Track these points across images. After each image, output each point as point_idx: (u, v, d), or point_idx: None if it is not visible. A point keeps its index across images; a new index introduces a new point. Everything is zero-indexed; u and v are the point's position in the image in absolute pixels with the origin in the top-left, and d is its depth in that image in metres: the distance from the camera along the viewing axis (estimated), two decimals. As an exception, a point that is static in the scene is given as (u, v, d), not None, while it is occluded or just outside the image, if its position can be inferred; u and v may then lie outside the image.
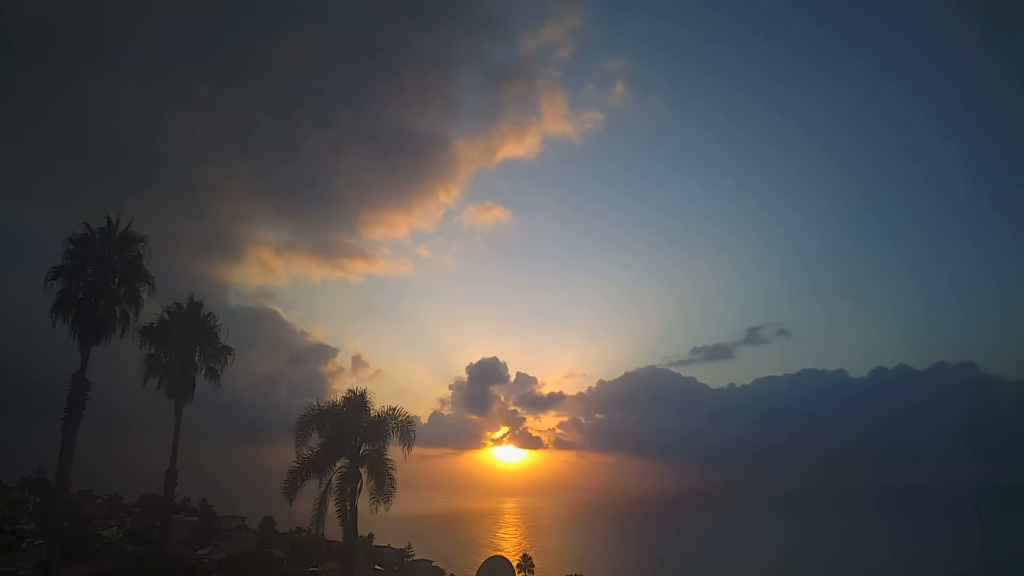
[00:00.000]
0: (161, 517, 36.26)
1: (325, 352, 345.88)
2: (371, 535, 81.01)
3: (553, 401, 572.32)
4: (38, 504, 60.56)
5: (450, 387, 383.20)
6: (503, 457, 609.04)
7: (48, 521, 36.66)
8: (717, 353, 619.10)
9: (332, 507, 21.33)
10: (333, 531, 23.01)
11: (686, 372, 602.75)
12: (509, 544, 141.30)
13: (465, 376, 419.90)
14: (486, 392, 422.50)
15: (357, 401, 22.65)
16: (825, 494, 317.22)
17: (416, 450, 22.50)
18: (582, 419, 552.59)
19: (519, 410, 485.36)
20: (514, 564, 13.95)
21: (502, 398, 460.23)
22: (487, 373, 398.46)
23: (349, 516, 21.45)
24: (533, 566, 67.54)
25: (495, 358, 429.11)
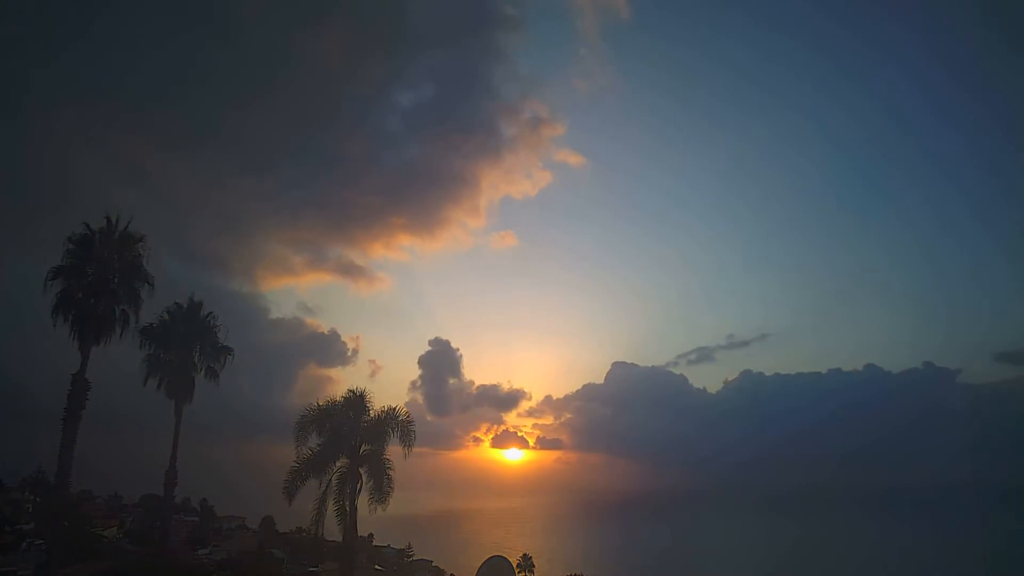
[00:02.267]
0: (161, 517, 36.28)
1: (344, 355, 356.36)
2: (371, 535, 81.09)
3: (540, 403, 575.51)
4: (38, 504, 60.57)
5: (411, 383, 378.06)
6: (489, 457, 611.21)
7: (48, 521, 36.66)
8: (702, 356, 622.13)
9: (332, 507, 21.30)
10: (333, 531, 22.97)
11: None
12: (509, 544, 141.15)
13: (459, 381, 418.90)
14: (448, 387, 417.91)
15: (357, 401, 22.49)
16: (819, 495, 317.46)
17: (399, 450, 22.21)
18: (563, 420, 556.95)
19: (502, 412, 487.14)
20: (514, 564, 13.95)
21: (472, 394, 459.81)
22: (442, 362, 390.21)
23: (349, 516, 21.40)
24: (533, 566, 67.67)
25: (447, 342, 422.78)
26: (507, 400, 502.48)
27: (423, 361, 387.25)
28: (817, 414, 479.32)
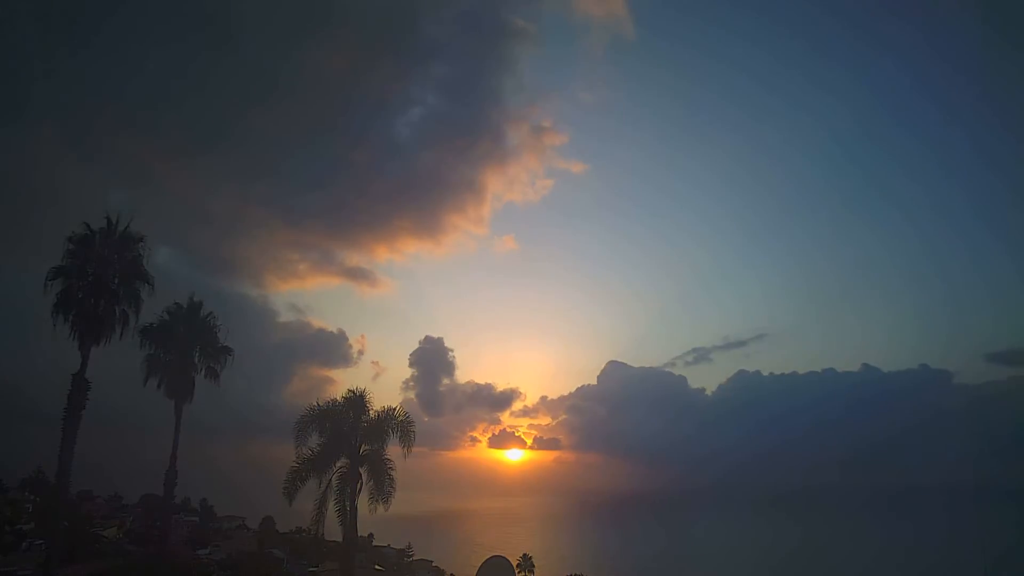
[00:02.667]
0: (161, 517, 36.25)
1: (349, 357, 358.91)
2: (371, 535, 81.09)
3: (536, 403, 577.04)
4: (38, 504, 60.49)
5: (404, 382, 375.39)
6: (487, 457, 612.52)
7: (48, 521, 36.63)
8: (699, 357, 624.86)
9: (332, 507, 21.31)
10: (333, 531, 22.95)
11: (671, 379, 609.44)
12: (509, 544, 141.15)
13: (451, 381, 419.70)
14: (441, 386, 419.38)
15: (357, 401, 22.44)
16: (816, 494, 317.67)
17: (396, 449, 22.13)
18: (560, 420, 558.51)
19: (496, 412, 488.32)
20: (514, 564, 13.95)
21: (466, 393, 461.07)
22: (433, 360, 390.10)
23: (349, 516, 21.40)
24: (533, 566, 67.58)
25: (440, 340, 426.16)
26: (501, 400, 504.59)
27: (414, 359, 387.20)
28: (814, 414, 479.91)
